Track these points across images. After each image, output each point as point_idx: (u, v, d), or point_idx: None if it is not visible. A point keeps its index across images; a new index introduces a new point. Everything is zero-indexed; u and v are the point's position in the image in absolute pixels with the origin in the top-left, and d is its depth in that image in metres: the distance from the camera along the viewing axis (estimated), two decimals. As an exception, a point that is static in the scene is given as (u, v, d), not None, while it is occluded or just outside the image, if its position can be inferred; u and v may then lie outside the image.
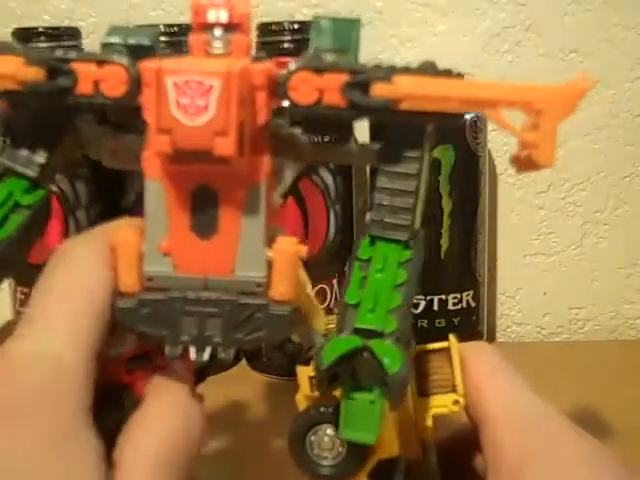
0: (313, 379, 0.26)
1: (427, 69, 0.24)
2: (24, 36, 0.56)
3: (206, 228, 0.24)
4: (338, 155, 0.27)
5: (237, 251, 0.24)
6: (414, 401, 0.28)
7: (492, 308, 0.69)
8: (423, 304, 0.60)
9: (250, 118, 0.23)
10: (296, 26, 0.56)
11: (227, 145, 0.22)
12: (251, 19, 0.24)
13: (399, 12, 0.65)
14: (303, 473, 0.26)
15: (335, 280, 0.60)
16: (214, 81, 0.22)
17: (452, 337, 0.28)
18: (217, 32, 0.24)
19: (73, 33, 0.58)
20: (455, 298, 0.61)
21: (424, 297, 0.60)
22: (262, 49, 0.57)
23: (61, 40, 0.56)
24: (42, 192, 0.26)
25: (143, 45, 0.25)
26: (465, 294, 0.61)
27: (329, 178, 0.59)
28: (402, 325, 0.24)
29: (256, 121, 0.23)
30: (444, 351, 0.28)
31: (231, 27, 0.24)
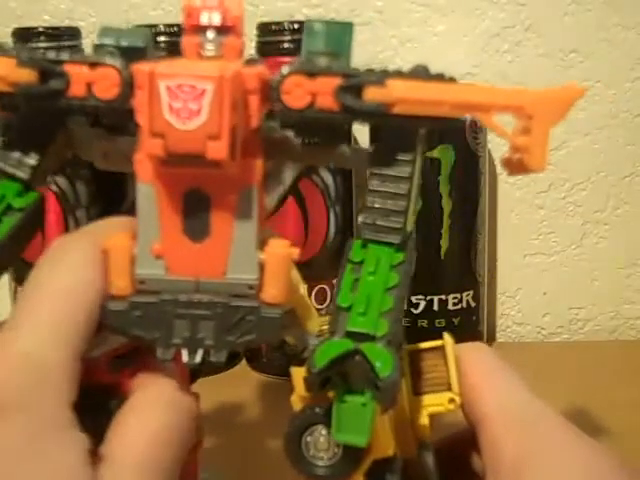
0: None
1: (420, 73, 0.24)
2: (24, 36, 0.56)
3: (198, 231, 0.24)
4: (331, 158, 0.27)
5: (229, 254, 0.24)
6: (409, 400, 0.28)
7: (492, 308, 0.69)
8: (423, 304, 0.60)
9: (242, 122, 0.23)
10: (296, 26, 0.56)
11: (219, 149, 0.22)
12: (244, 22, 0.24)
13: (399, 12, 0.65)
14: (299, 474, 0.26)
15: (335, 280, 0.60)
16: (207, 85, 0.22)
17: (446, 335, 0.28)
18: (210, 35, 0.24)
19: (73, 33, 0.58)
20: (455, 298, 0.61)
21: (424, 297, 0.60)
22: (262, 49, 0.57)
23: (61, 40, 0.56)
24: (35, 195, 0.26)
25: (136, 47, 0.25)
26: (465, 294, 0.61)
27: (329, 178, 0.59)
28: (393, 328, 0.24)
29: (248, 125, 0.23)
30: (439, 349, 0.28)
31: (224, 30, 0.24)
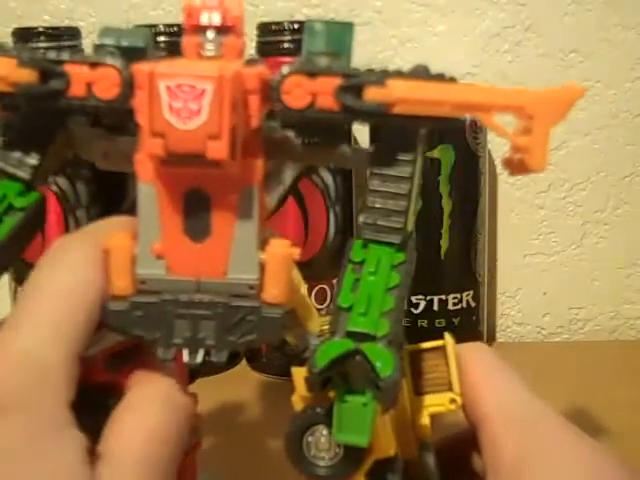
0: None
1: (420, 73, 0.24)
2: (24, 36, 0.56)
3: (199, 231, 0.24)
4: (331, 158, 0.27)
5: (230, 254, 0.24)
6: (410, 400, 0.28)
7: (492, 308, 0.69)
8: (423, 304, 0.60)
9: (242, 122, 0.23)
10: (296, 26, 0.56)
11: (220, 149, 0.22)
12: (244, 22, 0.24)
13: (399, 12, 0.65)
14: (300, 474, 0.26)
15: (335, 280, 0.60)
16: (207, 85, 0.22)
17: (447, 335, 0.28)
18: (210, 35, 0.24)
19: (73, 33, 0.58)
20: (455, 298, 0.61)
21: (424, 297, 0.60)
22: (262, 49, 0.57)
23: (61, 40, 0.56)
24: (36, 194, 0.26)
25: (136, 47, 0.25)
26: (465, 294, 0.61)
27: (329, 178, 0.59)
28: (394, 328, 0.24)
29: (249, 125, 0.23)
30: (439, 349, 0.28)
31: (224, 30, 0.24)
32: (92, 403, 0.25)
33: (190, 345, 0.24)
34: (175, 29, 0.57)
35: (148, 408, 0.25)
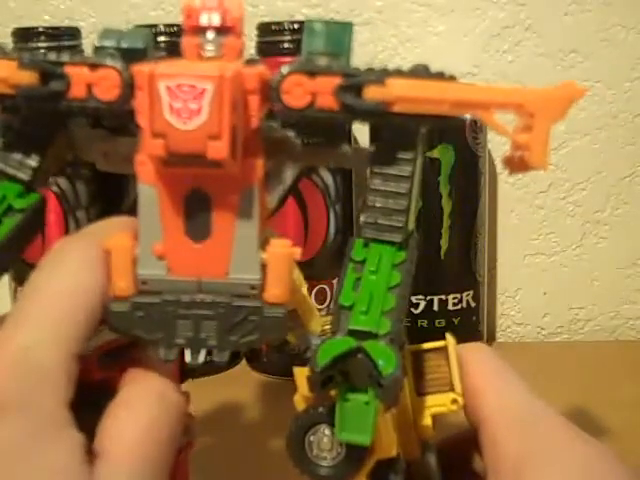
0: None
1: (420, 72, 0.24)
2: (24, 36, 0.56)
3: (200, 231, 0.24)
4: (332, 157, 0.27)
5: (231, 254, 0.24)
6: (412, 400, 0.28)
7: (492, 308, 0.69)
8: (423, 304, 0.60)
9: (243, 121, 0.23)
10: (296, 26, 0.56)
11: (220, 149, 0.22)
12: (244, 22, 0.24)
13: (399, 12, 0.65)
14: (302, 474, 0.26)
15: (335, 280, 0.60)
16: (207, 85, 0.22)
17: (449, 336, 0.29)
18: (210, 35, 0.24)
19: (73, 33, 0.58)
20: (455, 298, 0.61)
21: (424, 297, 0.60)
22: (262, 49, 0.57)
23: (61, 40, 0.56)
24: (36, 196, 0.26)
25: (136, 48, 0.25)
26: (465, 294, 0.61)
27: (329, 178, 0.59)
28: (395, 327, 0.24)
29: (249, 124, 0.23)
30: (441, 350, 0.28)
31: (224, 30, 0.24)
32: (86, 402, 0.25)
33: (192, 345, 0.24)
34: (175, 29, 0.57)
35: (141, 406, 0.25)
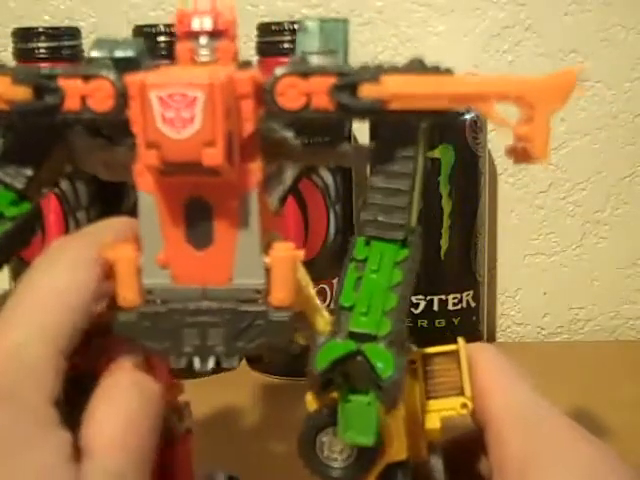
0: None
1: (415, 67, 0.24)
2: (24, 36, 0.56)
3: (202, 239, 0.24)
4: (332, 157, 0.27)
5: (234, 260, 0.24)
6: (421, 404, 0.28)
7: (492, 308, 0.69)
8: (423, 304, 0.60)
9: (237, 127, 0.23)
10: (296, 26, 0.56)
11: (215, 156, 0.22)
12: (237, 25, 0.24)
13: (399, 12, 0.65)
14: (312, 475, 0.26)
15: (335, 280, 0.60)
16: (197, 93, 0.22)
17: (461, 340, 0.28)
18: (203, 40, 0.24)
19: (73, 33, 0.58)
20: (455, 298, 0.61)
21: (424, 297, 0.60)
22: (262, 49, 0.57)
23: (61, 40, 0.56)
24: (28, 205, 0.27)
25: (129, 57, 0.25)
26: (465, 294, 0.61)
27: (329, 178, 0.59)
28: (396, 327, 0.24)
29: (244, 129, 0.23)
30: (452, 354, 0.28)
31: (216, 34, 0.24)
32: (70, 394, 0.25)
33: (200, 353, 0.24)
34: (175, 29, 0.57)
35: (120, 398, 0.25)
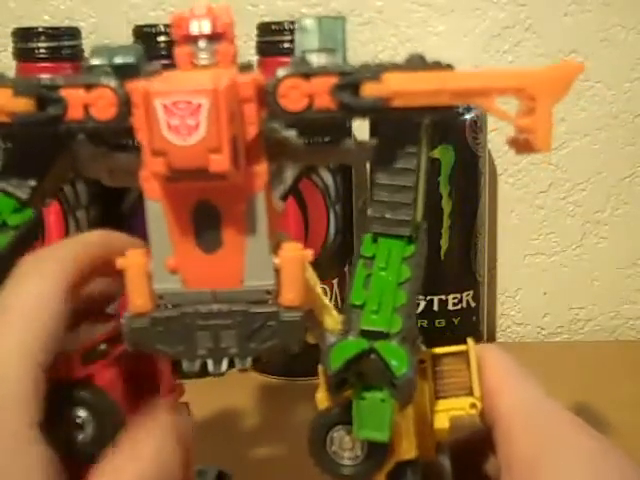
0: None
1: (416, 64, 0.24)
2: (24, 36, 0.56)
3: (211, 243, 0.24)
4: (335, 155, 0.27)
5: (244, 262, 0.24)
6: (430, 403, 0.28)
7: (492, 308, 0.69)
8: (423, 304, 0.60)
9: (242, 130, 0.23)
10: (294, 25, 0.56)
11: (222, 161, 0.22)
12: (234, 27, 0.24)
13: (399, 12, 0.65)
14: (323, 473, 0.26)
15: (335, 280, 0.60)
16: (202, 99, 0.22)
17: (470, 341, 0.29)
18: (202, 44, 0.24)
19: (73, 33, 0.58)
20: (455, 298, 0.61)
21: (424, 297, 0.60)
22: (262, 49, 0.57)
23: (61, 40, 0.56)
24: (30, 213, 0.27)
25: (129, 64, 0.25)
26: (465, 294, 0.61)
27: (329, 178, 0.59)
28: (407, 324, 0.24)
29: (248, 133, 0.23)
30: (462, 354, 0.28)
31: (215, 37, 0.24)
32: (69, 398, 0.25)
33: (213, 356, 0.24)
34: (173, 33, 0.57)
35: (149, 447, 0.25)
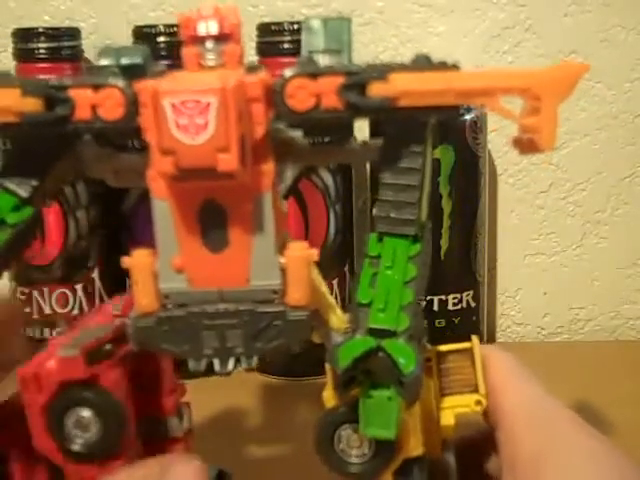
0: None
1: (422, 64, 0.24)
2: (24, 36, 0.56)
3: (217, 242, 0.24)
4: (340, 155, 0.27)
5: (250, 261, 0.24)
6: (436, 401, 0.28)
7: (492, 308, 0.69)
8: (423, 304, 0.60)
9: (250, 130, 0.23)
10: (296, 26, 0.56)
11: (230, 160, 0.22)
12: (241, 28, 0.24)
13: (400, 12, 0.65)
14: (330, 471, 0.26)
15: (335, 280, 0.60)
16: (210, 98, 0.22)
17: (474, 338, 0.29)
18: (209, 44, 0.24)
19: (73, 33, 0.58)
20: (455, 298, 0.61)
21: (424, 297, 0.60)
22: (262, 49, 0.57)
23: (61, 40, 0.56)
24: (30, 211, 0.27)
25: (136, 64, 0.25)
26: (465, 294, 0.61)
27: (329, 178, 0.59)
28: (414, 322, 0.24)
29: (256, 132, 0.23)
30: (466, 351, 0.29)
31: (222, 38, 0.24)
32: (74, 399, 0.25)
33: (220, 355, 0.25)
34: (175, 30, 0.57)
35: None
